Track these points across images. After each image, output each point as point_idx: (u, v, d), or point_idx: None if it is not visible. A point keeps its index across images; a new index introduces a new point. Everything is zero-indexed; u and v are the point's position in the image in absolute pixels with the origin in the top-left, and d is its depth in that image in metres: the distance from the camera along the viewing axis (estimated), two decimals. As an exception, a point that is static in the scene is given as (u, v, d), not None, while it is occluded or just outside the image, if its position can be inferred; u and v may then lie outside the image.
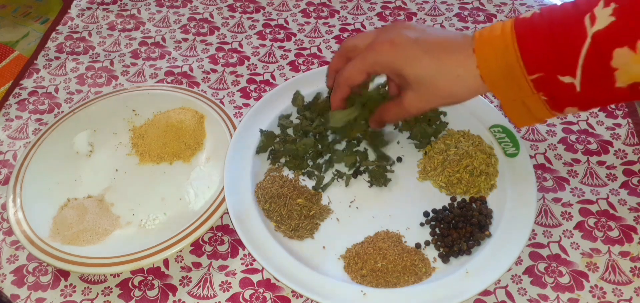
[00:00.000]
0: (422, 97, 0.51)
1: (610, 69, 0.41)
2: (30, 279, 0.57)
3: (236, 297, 0.55)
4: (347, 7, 0.88)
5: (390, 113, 0.56)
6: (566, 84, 0.43)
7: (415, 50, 0.49)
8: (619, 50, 0.40)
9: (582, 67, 0.41)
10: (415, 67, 0.49)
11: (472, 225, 0.57)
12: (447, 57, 0.48)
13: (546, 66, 0.43)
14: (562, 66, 0.42)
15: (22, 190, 0.61)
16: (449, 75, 0.48)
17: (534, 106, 0.46)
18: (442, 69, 0.48)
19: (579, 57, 0.41)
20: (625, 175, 0.62)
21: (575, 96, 0.43)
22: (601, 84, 0.42)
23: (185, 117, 0.69)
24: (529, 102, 0.45)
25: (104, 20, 0.89)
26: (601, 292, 0.53)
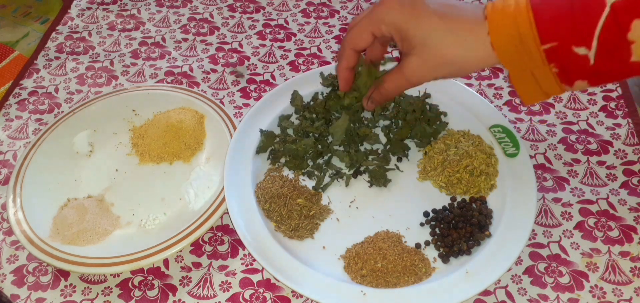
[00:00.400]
0: (426, 63, 0.48)
1: (627, 42, 0.40)
2: (30, 279, 0.57)
3: (236, 297, 0.55)
4: (347, 7, 0.88)
5: (389, 84, 0.53)
6: (580, 55, 0.41)
7: (424, 9, 0.47)
8: (637, 21, 0.39)
9: (598, 39, 0.40)
10: (422, 27, 0.47)
11: (472, 225, 0.57)
12: (457, 20, 0.46)
13: (560, 36, 0.41)
14: (578, 36, 0.41)
15: (22, 189, 0.61)
16: (457, 39, 0.46)
17: (543, 79, 0.44)
18: (451, 32, 0.46)
19: (596, 28, 0.40)
20: (625, 175, 0.62)
21: (588, 69, 0.42)
22: (616, 57, 0.41)
23: (185, 117, 0.69)
24: (538, 74, 0.44)
25: (104, 20, 0.89)
26: (601, 292, 0.53)
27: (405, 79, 0.50)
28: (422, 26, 0.47)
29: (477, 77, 0.75)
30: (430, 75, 0.49)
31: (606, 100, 0.70)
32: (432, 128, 0.65)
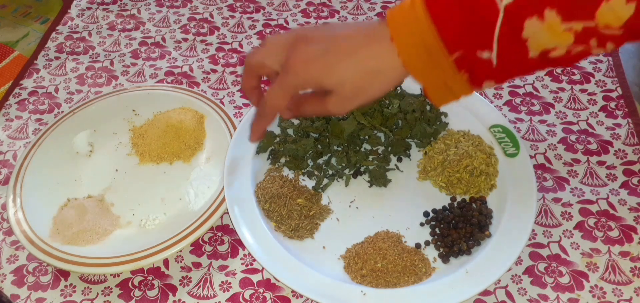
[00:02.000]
0: (345, 100, 0.49)
1: (522, 40, 0.41)
2: (30, 279, 0.57)
3: (236, 297, 0.55)
4: (347, 7, 0.88)
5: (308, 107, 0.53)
6: (484, 59, 0.43)
7: (329, 59, 0.47)
8: (529, 20, 0.40)
9: (497, 41, 0.41)
10: (333, 76, 0.47)
11: (472, 225, 0.57)
12: (364, 54, 0.46)
13: (465, 44, 0.42)
14: (480, 41, 0.42)
15: (22, 189, 0.61)
16: (369, 72, 0.47)
17: (456, 85, 0.45)
18: (362, 68, 0.46)
19: (494, 32, 0.41)
20: (625, 175, 0.62)
21: (492, 70, 0.43)
22: (515, 56, 0.42)
23: (185, 117, 0.69)
24: (451, 83, 0.45)
25: (104, 20, 0.89)
26: (601, 292, 0.53)
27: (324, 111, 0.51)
28: (333, 76, 0.47)
29: (477, 77, 0.75)
30: (352, 107, 0.50)
31: (606, 100, 0.70)
32: (432, 127, 0.65)
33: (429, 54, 0.44)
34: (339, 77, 0.47)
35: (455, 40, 0.43)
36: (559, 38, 0.40)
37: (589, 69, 0.74)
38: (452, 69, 0.44)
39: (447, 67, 0.44)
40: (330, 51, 0.48)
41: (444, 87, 0.45)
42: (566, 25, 0.40)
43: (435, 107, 0.67)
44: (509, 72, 0.44)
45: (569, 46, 0.41)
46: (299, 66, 0.48)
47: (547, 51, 0.42)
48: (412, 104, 0.66)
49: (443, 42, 0.43)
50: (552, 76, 0.74)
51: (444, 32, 0.43)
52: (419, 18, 0.43)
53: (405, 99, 0.67)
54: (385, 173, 0.62)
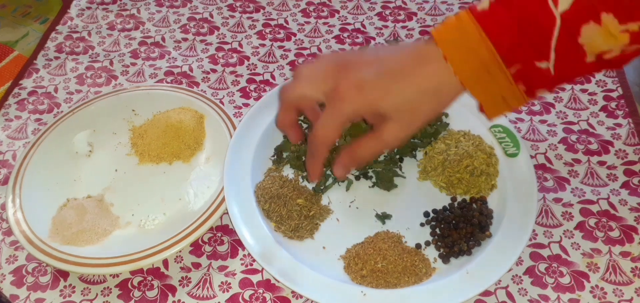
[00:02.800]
0: (405, 125, 0.47)
1: (579, 46, 0.42)
2: (30, 279, 0.57)
3: (236, 298, 0.55)
4: (347, 7, 0.88)
5: (365, 150, 0.50)
6: (542, 69, 0.43)
7: (384, 83, 0.46)
8: (586, 26, 0.41)
9: (555, 50, 0.42)
10: (390, 100, 0.45)
11: (472, 225, 0.57)
12: (419, 75, 0.45)
13: (523, 56, 0.43)
14: (537, 52, 0.42)
15: (21, 190, 0.61)
16: (427, 93, 0.45)
17: (512, 98, 0.45)
18: (419, 89, 0.45)
19: (552, 41, 0.41)
20: (626, 175, 0.62)
21: (549, 79, 0.43)
22: (572, 62, 0.43)
23: (185, 117, 0.69)
24: (507, 96, 0.45)
25: (104, 20, 0.89)
26: (602, 293, 0.53)
27: (384, 145, 0.49)
28: (391, 100, 0.46)
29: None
30: (411, 132, 0.48)
31: (607, 100, 0.70)
32: (432, 127, 0.65)
33: (486, 69, 0.43)
34: (396, 100, 0.45)
35: (513, 53, 0.43)
36: (615, 40, 0.41)
37: (590, 69, 0.74)
38: (509, 82, 0.44)
39: (504, 81, 0.44)
40: (383, 74, 0.46)
41: (501, 100, 0.45)
42: (623, 26, 0.40)
43: None
44: (565, 78, 0.44)
45: (624, 46, 0.41)
46: (352, 91, 0.46)
47: (602, 53, 0.42)
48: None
49: (500, 57, 0.43)
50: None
51: (501, 46, 0.42)
52: (471, 35, 0.43)
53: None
54: (392, 177, 0.62)
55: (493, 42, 0.42)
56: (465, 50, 0.44)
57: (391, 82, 0.45)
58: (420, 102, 0.46)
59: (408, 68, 0.46)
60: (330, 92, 0.47)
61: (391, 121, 0.47)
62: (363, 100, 0.46)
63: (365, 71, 0.46)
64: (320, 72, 0.49)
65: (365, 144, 0.49)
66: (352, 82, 0.46)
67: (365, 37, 0.83)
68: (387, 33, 0.83)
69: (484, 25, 0.43)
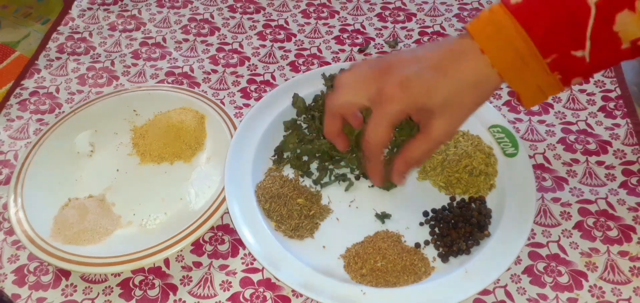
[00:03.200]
0: (451, 119, 0.48)
1: (614, 33, 0.42)
2: (31, 279, 0.57)
3: (236, 297, 0.55)
4: (347, 8, 0.88)
5: (416, 151, 0.51)
6: (578, 58, 0.43)
7: (428, 79, 0.47)
8: (620, 14, 0.41)
9: (590, 39, 0.42)
10: (436, 95, 0.46)
11: (471, 225, 0.57)
12: (460, 69, 0.46)
13: (558, 46, 0.43)
14: (573, 41, 0.43)
15: (23, 189, 0.62)
16: (470, 86, 0.47)
17: (548, 86, 0.46)
18: (462, 83, 0.46)
19: (587, 30, 0.42)
20: (624, 175, 0.63)
21: (584, 67, 0.44)
22: (608, 50, 0.43)
23: (186, 117, 0.70)
24: (543, 85, 0.46)
25: (105, 20, 0.89)
26: (600, 292, 0.53)
27: (434, 142, 0.49)
28: (437, 95, 0.47)
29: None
30: (458, 126, 0.49)
31: (605, 100, 0.71)
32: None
33: (523, 61, 0.44)
34: (441, 96, 0.46)
35: (549, 43, 0.43)
36: None
37: (588, 69, 0.74)
38: (546, 72, 0.45)
39: (540, 71, 0.45)
40: (425, 70, 0.47)
41: (537, 89, 0.46)
42: None
43: None
44: (600, 66, 0.45)
45: None
46: (397, 91, 0.47)
47: (637, 40, 0.42)
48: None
49: (537, 47, 0.43)
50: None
51: (537, 37, 0.43)
52: (506, 27, 0.44)
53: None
54: None
55: (529, 34, 0.43)
56: (502, 43, 0.44)
57: (434, 78, 0.46)
58: (463, 95, 0.47)
59: (448, 63, 0.47)
60: (375, 96, 0.48)
61: (438, 117, 0.48)
62: (409, 98, 0.47)
63: (407, 70, 0.47)
64: (362, 78, 0.50)
65: (417, 146, 0.50)
66: (396, 82, 0.47)
67: (365, 37, 0.83)
68: (386, 34, 0.84)
69: (519, 18, 0.44)
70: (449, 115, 0.48)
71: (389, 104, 0.47)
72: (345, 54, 0.81)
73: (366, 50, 0.81)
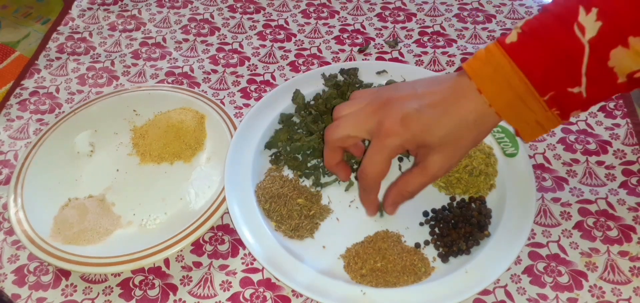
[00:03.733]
0: (449, 155, 0.49)
1: (609, 69, 0.43)
2: (31, 279, 0.57)
3: (236, 297, 0.55)
4: (347, 8, 0.88)
5: (412, 185, 0.52)
6: (575, 93, 0.44)
7: (428, 117, 0.48)
8: (614, 50, 0.42)
9: (586, 75, 0.43)
10: (436, 133, 0.47)
11: (471, 225, 0.57)
12: (459, 108, 0.47)
13: (555, 84, 0.44)
14: (569, 79, 0.44)
15: (23, 189, 0.62)
16: (468, 125, 0.47)
17: (546, 122, 0.47)
18: (461, 122, 0.47)
19: (582, 67, 0.43)
20: (624, 175, 0.63)
21: (582, 102, 0.45)
22: (604, 84, 0.44)
23: (186, 117, 0.70)
24: (542, 120, 0.46)
25: (105, 20, 0.89)
26: (600, 292, 0.53)
27: (431, 177, 0.51)
28: (436, 132, 0.48)
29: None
30: (455, 163, 0.50)
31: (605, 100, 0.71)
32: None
33: (521, 99, 0.45)
34: (440, 133, 0.47)
35: (546, 82, 0.44)
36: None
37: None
38: (544, 109, 0.45)
39: (539, 108, 0.45)
40: (426, 109, 0.48)
41: (536, 125, 0.47)
42: None
43: None
44: (599, 99, 0.45)
45: None
46: (397, 126, 0.48)
47: (632, 73, 0.43)
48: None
49: (534, 87, 0.44)
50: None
51: (533, 77, 0.44)
52: (503, 67, 0.45)
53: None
54: None
55: (526, 74, 0.44)
56: (499, 83, 0.45)
57: (434, 115, 0.48)
58: (462, 133, 0.48)
59: (448, 101, 0.48)
60: (375, 129, 0.49)
61: (435, 153, 0.49)
62: (408, 134, 0.48)
63: (407, 106, 0.48)
64: (362, 111, 0.51)
65: (413, 179, 0.52)
66: (396, 117, 0.48)
67: (365, 37, 0.83)
68: (386, 34, 0.84)
69: (516, 58, 0.44)
70: (447, 152, 0.49)
71: (389, 138, 0.48)
72: (345, 54, 0.81)
73: (366, 50, 0.81)
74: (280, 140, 0.65)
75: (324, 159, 0.56)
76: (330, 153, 0.54)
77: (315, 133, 0.65)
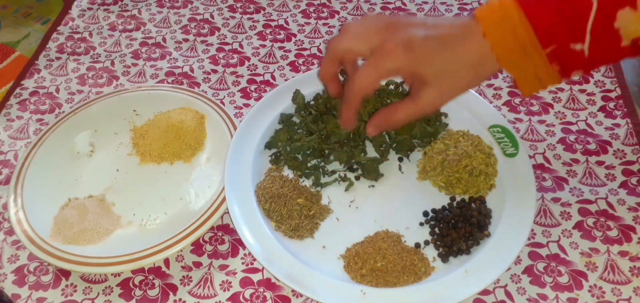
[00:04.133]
0: (442, 92, 0.49)
1: (615, 30, 0.43)
2: (31, 279, 0.57)
3: (236, 297, 0.55)
4: (347, 8, 0.88)
5: (400, 114, 0.52)
6: (577, 51, 0.44)
7: (431, 47, 0.48)
8: (622, 11, 0.42)
9: (590, 33, 0.43)
10: (434, 64, 0.48)
11: (471, 225, 0.57)
12: (462, 47, 0.48)
13: (558, 38, 0.44)
14: (573, 34, 0.44)
15: (23, 189, 0.62)
16: (468, 66, 0.48)
17: (546, 77, 0.47)
18: (461, 61, 0.48)
19: (587, 24, 0.43)
20: (624, 175, 0.63)
21: (583, 61, 0.45)
22: (607, 46, 0.44)
23: (186, 117, 0.70)
24: (541, 74, 0.46)
25: (105, 20, 0.89)
26: (600, 292, 0.53)
27: (419, 109, 0.51)
28: (434, 64, 0.48)
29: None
30: (447, 100, 0.50)
31: (605, 100, 0.71)
32: (432, 127, 0.65)
33: (523, 48, 0.45)
34: (439, 67, 0.48)
35: (549, 35, 0.44)
36: None
37: (588, 69, 0.74)
38: (544, 62, 0.45)
39: (539, 61, 0.45)
40: (431, 39, 0.48)
41: (535, 78, 0.47)
42: None
43: None
44: (600, 61, 0.46)
45: None
46: (398, 49, 0.48)
47: (638, 39, 0.43)
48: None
49: (537, 38, 0.44)
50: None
51: (538, 28, 0.44)
52: (510, 15, 0.45)
53: (405, 99, 0.67)
54: (377, 166, 0.62)
55: (532, 24, 0.44)
56: (504, 29, 0.45)
57: (437, 48, 0.48)
58: (459, 72, 0.48)
59: (454, 38, 0.48)
60: (377, 47, 0.50)
61: (430, 86, 0.49)
62: (408, 59, 0.48)
63: (414, 32, 0.49)
64: (368, 29, 0.51)
65: (402, 107, 0.52)
66: (400, 40, 0.48)
67: (365, 37, 0.83)
68: (386, 34, 0.83)
69: (525, 8, 0.44)
70: (441, 87, 0.49)
71: (387, 59, 0.49)
72: (345, 54, 0.80)
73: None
74: (280, 140, 0.65)
75: (320, 69, 0.56)
76: (329, 63, 0.54)
77: (315, 133, 0.65)
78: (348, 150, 0.63)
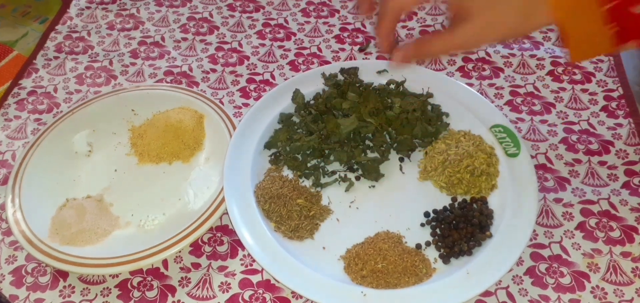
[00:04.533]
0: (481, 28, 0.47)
1: None
2: (29, 280, 0.57)
3: (235, 298, 0.54)
4: (347, 7, 0.88)
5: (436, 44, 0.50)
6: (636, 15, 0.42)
7: None
8: None
9: None
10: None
11: (472, 226, 0.56)
12: None
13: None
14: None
15: (20, 190, 0.61)
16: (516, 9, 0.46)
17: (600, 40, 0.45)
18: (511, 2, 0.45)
19: None
20: (626, 175, 0.62)
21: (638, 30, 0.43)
22: None
23: (185, 117, 0.69)
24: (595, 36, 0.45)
25: (103, 19, 0.89)
26: (602, 293, 0.53)
27: (456, 44, 0.49)
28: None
29: (477, 76, 0.74)
30: (483, 41, 0.49)
31: (607, 100, 0.70)
32: (433, 127, 0.65)
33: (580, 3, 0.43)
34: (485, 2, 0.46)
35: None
36: None
37: (590, 68, 0.74)
38: (600, 20, 0.43)
39: (595, 18, 0.43)
40: None
41: (587, 39, 0.45)
42: None
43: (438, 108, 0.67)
44: None
45: None
46: None
47: None
48: (412, 103, 0.66)
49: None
50: (552, 75, 0.74)
51: None
52: None
53: (406, 98, 0.67)
54: (378, 166, 0.62)
55: None
56: None
57: None
58: (507, 11, 0.46)
59: None
60: None
61: (472, 20, 0.47)
62: None
63: None
64: None
65: (439, 37, 0.50)
66: None
67: (365, 36, 0.83)
68: (387, 33, 0.83)
69: None
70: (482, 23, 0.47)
71: None
72: (346, 53, 0.80)
73: (367, 49, 0.80)
74: (280, 140, 0.65)
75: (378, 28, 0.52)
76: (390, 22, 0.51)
77: (315, 132, 0.65)
78: (348, 150, 0.63)
